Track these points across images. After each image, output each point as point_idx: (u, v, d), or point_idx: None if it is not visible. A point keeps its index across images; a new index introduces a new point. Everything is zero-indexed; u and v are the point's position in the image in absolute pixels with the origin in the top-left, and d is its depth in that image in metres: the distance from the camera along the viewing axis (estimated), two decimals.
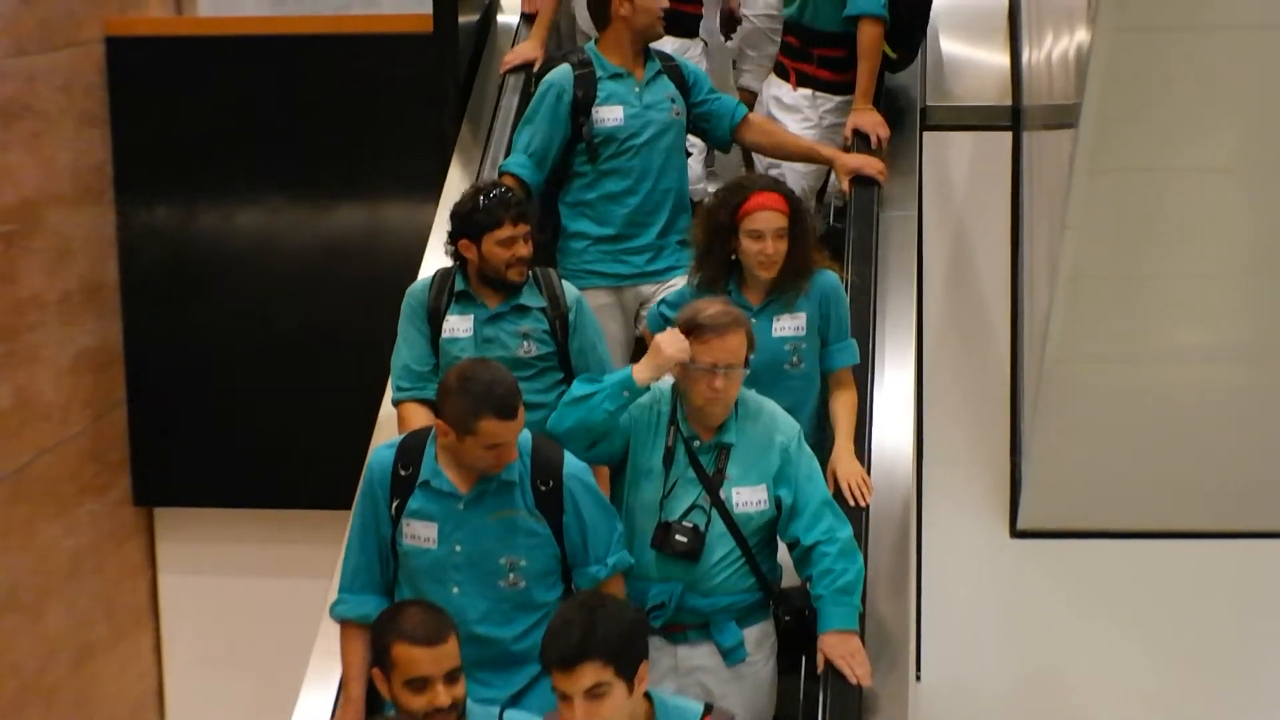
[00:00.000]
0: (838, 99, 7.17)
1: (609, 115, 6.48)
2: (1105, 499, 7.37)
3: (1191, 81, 5.52)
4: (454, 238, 5.75)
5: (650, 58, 6.61)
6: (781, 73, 7.30)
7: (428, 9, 8.06)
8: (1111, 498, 7.35)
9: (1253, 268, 6.25)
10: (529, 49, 7.48)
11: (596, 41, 6.62)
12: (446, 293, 5.80)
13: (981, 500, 7.77)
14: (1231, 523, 7.43)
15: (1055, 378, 6.66)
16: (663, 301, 6.06)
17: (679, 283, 6.26)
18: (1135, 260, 6.14)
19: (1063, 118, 6.02)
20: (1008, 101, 7.93)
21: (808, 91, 7.19)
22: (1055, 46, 6.44)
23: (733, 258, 5.76)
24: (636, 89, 6.53)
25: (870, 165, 6.73)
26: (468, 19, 8.05)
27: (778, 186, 5.80)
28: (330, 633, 5.30)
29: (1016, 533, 7.70)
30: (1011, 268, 7.73)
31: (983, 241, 7.80)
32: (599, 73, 6.51)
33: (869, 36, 6.92)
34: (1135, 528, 7.52)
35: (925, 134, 7.59)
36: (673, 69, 6.65)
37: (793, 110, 7.20)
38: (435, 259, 6.82)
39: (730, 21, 7.99)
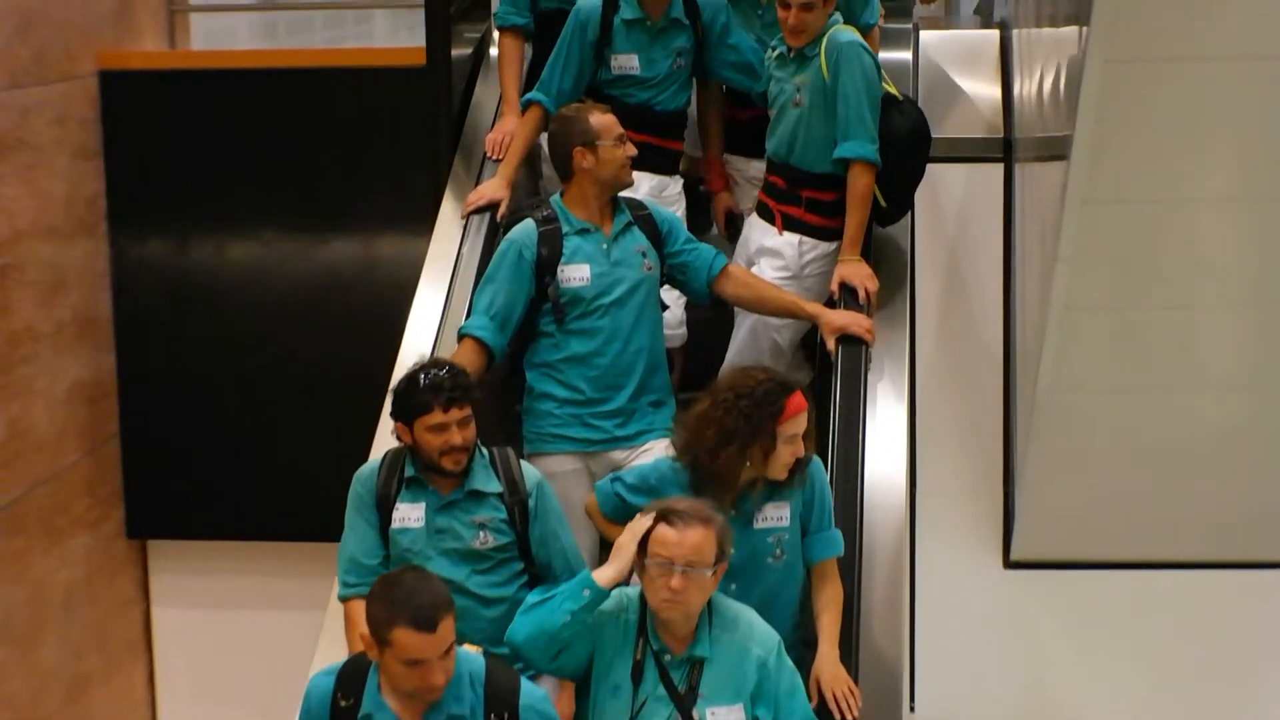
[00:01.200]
0: (826, 245, 6.53)
1: (575, 274, 5.99)
2: (1099, 529, 7.37)
3: (1182, 113, 5.54)
4: (393, 418, 5.31)
5: (620, 208, 6.12)
6: (765, 214, 6.67)
7: (421, 42, 8.09)
8: (1105, 528, 7.35)
9: (1246, 298, 6.26)
10: (494, 188, 6.95)
11: (562, 194, 6.13)
12: (397, 478, 5.32)
13: (975, 531, 7.76)
14: (1226, 553, 7.44)
15: (1048, 408, 6.66)
16: (617, 479, 5.48)
17: (653, 447, 5.91)
18: (1128, 291, 6.15)
19: (1054, 149, 6.04)
20: (1000, 133, 7.95)
21: (793, 238, 6.53)
22: (1046, 78, 6.46)
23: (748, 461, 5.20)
24: (604, 245, 6.03)
25: (858, 324, 6.16)
26: (461, 52, 8.07)
27: (798, 383, 5.33)
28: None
29: (1010, 563, 7.70)
30: (1004, 299, 7.74)
31: (975, 273, 7.81)
32: (564, 228, 6.03)
33: (862, 184, 6.33)
34: (1129, 558, 7.52)
35: None
36: (644, 219, 6.16)
37: (774, 255, 6.57)
38: (427, 291, 6.84)
39: (731, 218, 7.21)
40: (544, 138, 6.87)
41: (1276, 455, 6.85)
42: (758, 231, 6.67)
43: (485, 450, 5.33)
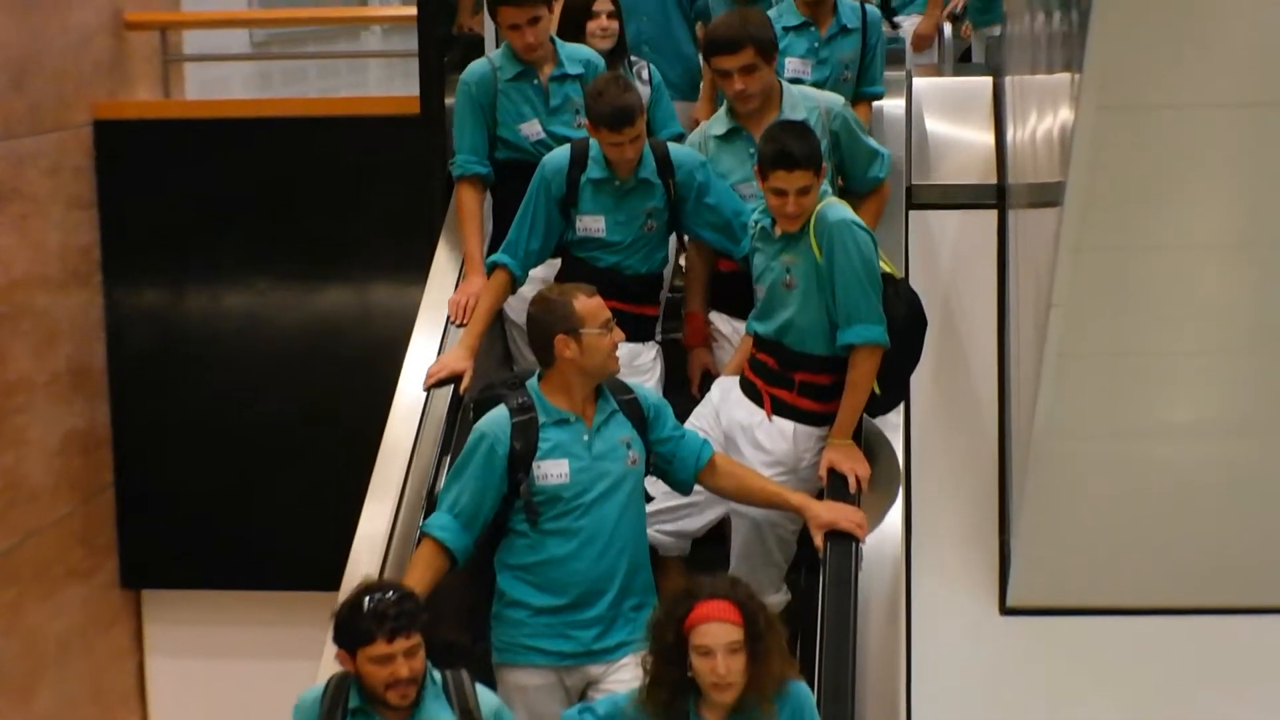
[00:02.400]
0: (821, 431, 5.99)
1: (553, 471, 5.40)
2: (1095, 575, 7.36)
3: (1175, 159, 5.54)
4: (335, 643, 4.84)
5: (603, 394, 5.53)
6: (751, 393, 6.09)
7: (414, 91, 8.12)
8: (1101, 574, 7.34)
9: (1240, 344, 6.26)
10: (457, 358, 6.41)
11: (540, 377, 5.53)
12: (341, 709, 4.83)
13: (971, 577, 7.75)
14: (1223, 599, 7.42)
15: (1043, 454, 6.66)
16: (588, 710, 4.99)
17: (629, 663, 5.37)
18: (1122, 337, 6.16)
19: (1047, 196, 6.05)
20: (993, 180, 7.96)
21: (787, 427, 5.97)
22: (1039, 125, 6.47)
23: (689, 675, 4.73)
24: (585, 436, 5.44)
25: (847, 518, 5.61)
26: (453, 100, 8.09)
27: (732, 591, 4.75)
28: None
29: (1006, 610, 7.68)
30: (998, 345, 7.74)
31: (969, 319, 7.81)
32: (541, 418, 5.44)
33: (867, 367, 5.81)
34: (1125, 604, 7.51)
35: (911, 212, 7.61)
36: (629, 404, 5.58)
37: (762, 449, 5.98)
38: (421, 340, 6.83)
39: (707, 379, 6.61)
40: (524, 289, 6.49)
41: (1273, 500, 6.84)
42: (740, 410, 6.08)
43: (437, 676, 4.87)
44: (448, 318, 6.70)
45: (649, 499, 5.76)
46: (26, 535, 8.55)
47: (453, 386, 6.39)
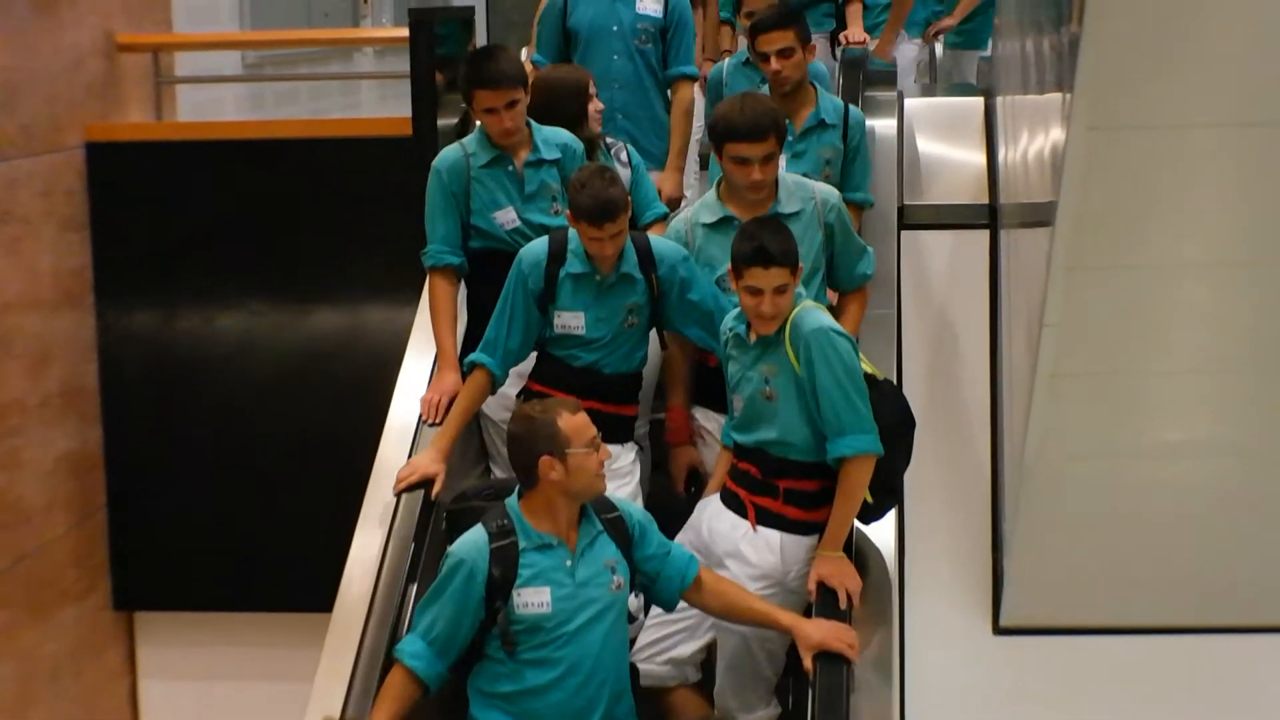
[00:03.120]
0: (810, 540, 5.67)
1: (533, 600, 5.16)
2: (1088, 595, 7.35)
3: (1166, 179, 5.55)
4: None
5: (587, 514, 5.27)
6: (733, 504, 5.77)
7: (407, 112, 8.12)
8: (1095, 594, 7.33)
9: (1233, 363, 6.26)
10: (429, 462, 6.08)
11: (520, 495, 5.25)
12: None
13: (964, 597, 7.74)
14: (1217, 618, 7.42)
15: (1036, 474, 6.66)
16: None
17: None
18: (1114, 357, 6.16)
19: (1039, 215, 6.05)
20: (985, 200, 7.97)
21: (774, 538, 5.65)
22: (1031, 145, 6.48)
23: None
24: (569, 562, 5.19)
25: (838, 638, 5.31)
26: (446, 122, 8.10)
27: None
28: None
29: (1000, 629, 7.67)
30: (991, 365, 7.74)
31: (961, 339, 7.82)
32: (522, 543, 5.18)
33: (860, 476, 5.52)
34: (1119, 624, 7.50)
35: (903, 233, 7.62)
36: (614, 522, 5.33)
37: (748, 563, 5.67)
38: (414, 361, 6.82)
39: (694, 476, 6.36)
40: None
41: (1266, 519, 6.84)
42: (723, 523, 5.76)
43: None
44: (420, 417, 6.38)
45: (632, 619, 5.52)
46: (19, 558, 8.54)
47: (424, 492, 6.05)
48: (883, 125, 7.89)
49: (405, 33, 8.26)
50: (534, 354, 6.20)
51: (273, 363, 9.08)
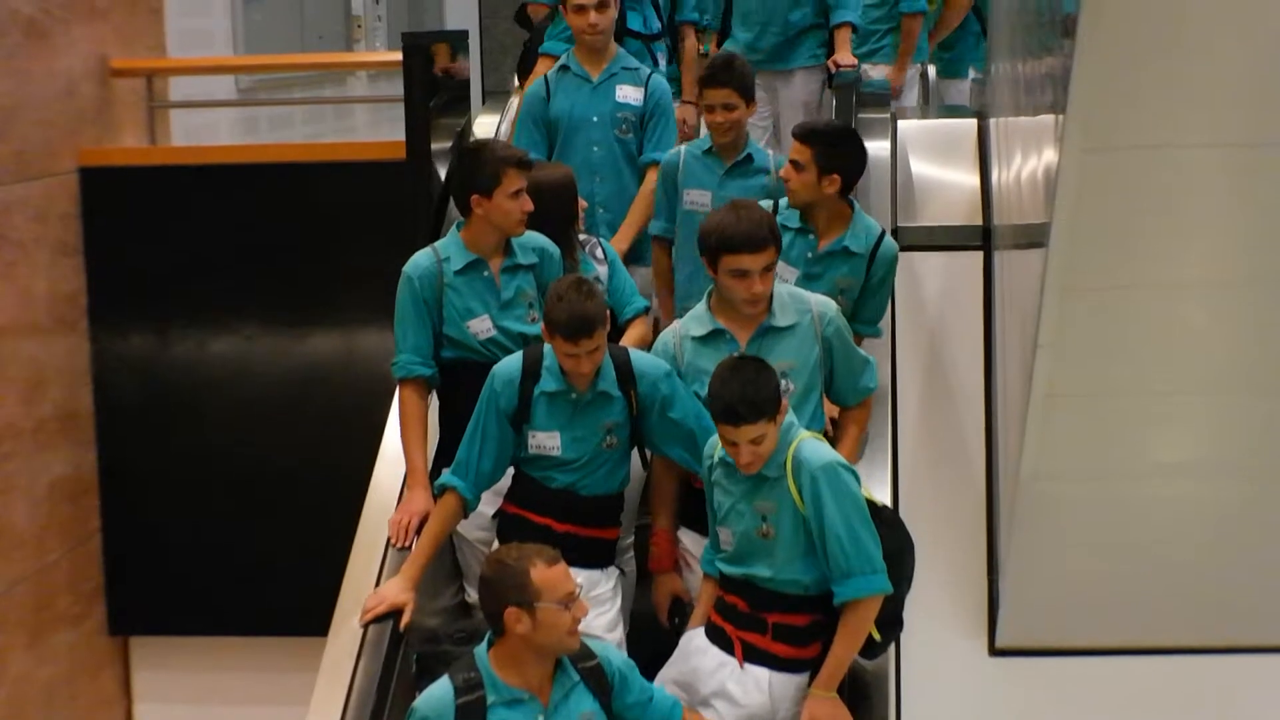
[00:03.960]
0: (800, 678, 5.34)
1: None
2: (1084, 616, 7.35)
3: (1160, 200, 5.56)
4: None
5: (562, 664, 4.99)
6: (720, 640, 5.43)
7: (400, 136, 8.12)
8: (1091, 614, 7.33)
9: (1227, 383, 6.27)
10: (397, 591, 5.77)
11: (490, 644, 4.98)
12: None
13: (960, 618, 7.74)
14: (1213, 639, 7.42)
15: (1031, 495, 6.66)
16: None
17: None
18: (1109, 377, 6.16)
19: (1033, 237, 6.06)
20: (978, 221, 7.99)
21: (761, 677, 5.33)
22: (1024, 167, 6.49)
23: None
24: (541, 717, 4.92)
25: None
26: (440, 145, 8.11)
27: None
28: None
29: (995, 651, 7.68)
30: (985, 386, 7.75)
31: (956, 360, 7.83)
32: (490, 698, 4.90)
33: (864, 614, 5.19)
34: (1115, 645, 7.50)
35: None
36: (592, 671, 5.04)
37: (735, 702, 5.33)
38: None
39: (677, 606, 5.95)
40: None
41: (1263, 539, 6.84)
42: (709, 660, 5.43)
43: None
44: (388, 539, 6.04)
45: None
46: (14, 582, 8.53)
47: (391, 623, 5.74)
48: (876, 147, 7.90)
49: (399, 57, 8.27)
50: (511, 470, 5.89)
51: (267, 387, 9.08)
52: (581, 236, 6.74)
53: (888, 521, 5.37)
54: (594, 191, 7.40)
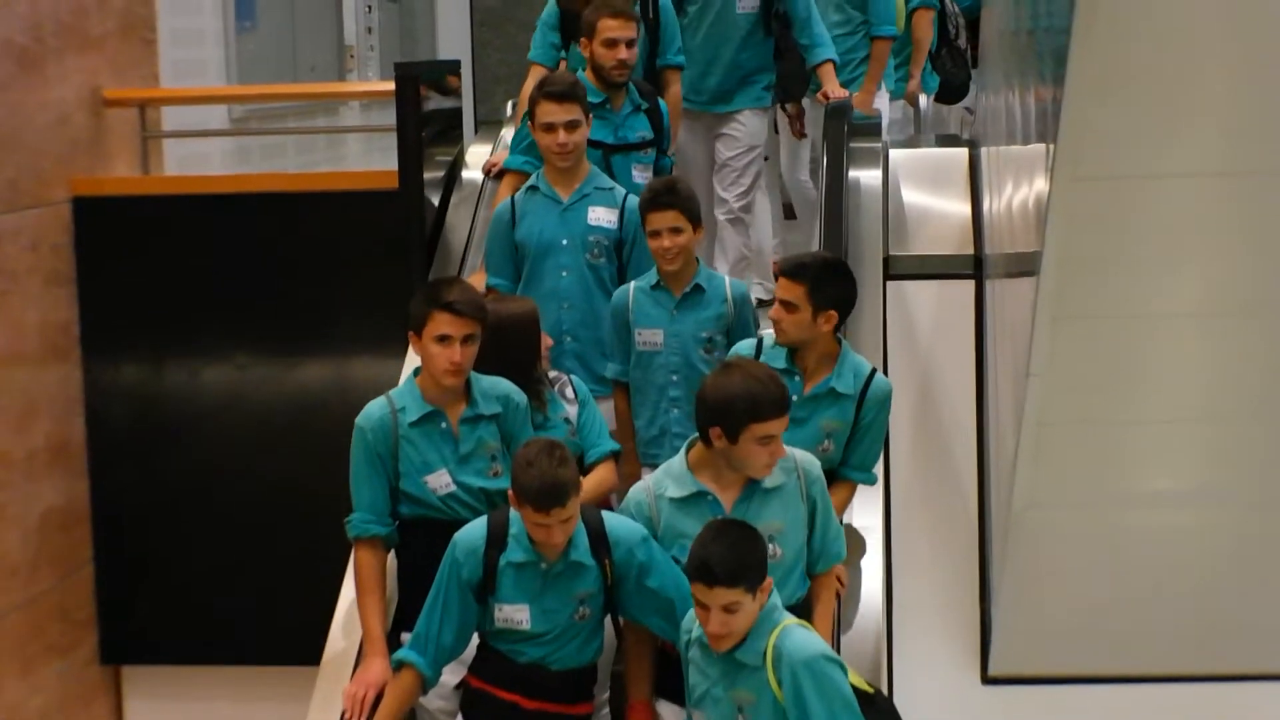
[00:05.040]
0: None
1: None
2: (1077, 644, 7.35)
3: (1150, 229, 5.58)
4: None
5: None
6: None
7: (393, 165, 8.13)
8: (1083, 642, 7.33)
9: (1219, 411, 6.28)
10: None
11: None
12: None
13: (953, 647, 7.74)
14: (1205, 666, 7.42)
15: (1023, 523, 6.66)
16: None
17: None
18: (1100, 406, 6.17)
19: (1024, 265, 6.07)
20: (970, 250, 8.00)
21: None
22: (1015, 196, 6.51)
23: None
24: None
25: None
26: (433, 175, 8.13)
27: None
28: None
29: (988, 679, 7.67)
30: (977, 414, 7.76)
31: (948, 389, 7.83)
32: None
33: None
34: (1108, 672, 7.50)
35: (889, 283, 7.65)
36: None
37: None
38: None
39: None
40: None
41: (1254, 566, 6.85)
42: None
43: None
44: (342, 712, 5.62)
45: None
46: (4, 612, 8.51)
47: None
48: (867, 176, 7.92)
49: (391, 86, 8.29)
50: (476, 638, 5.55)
51: (260, 416, 9.07)
52: (552, 374, 6.41)
53: (880, 708, 5.15)
54: (561, 320, 6.91)
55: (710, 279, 6.64)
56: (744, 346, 6.18)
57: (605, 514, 5.46)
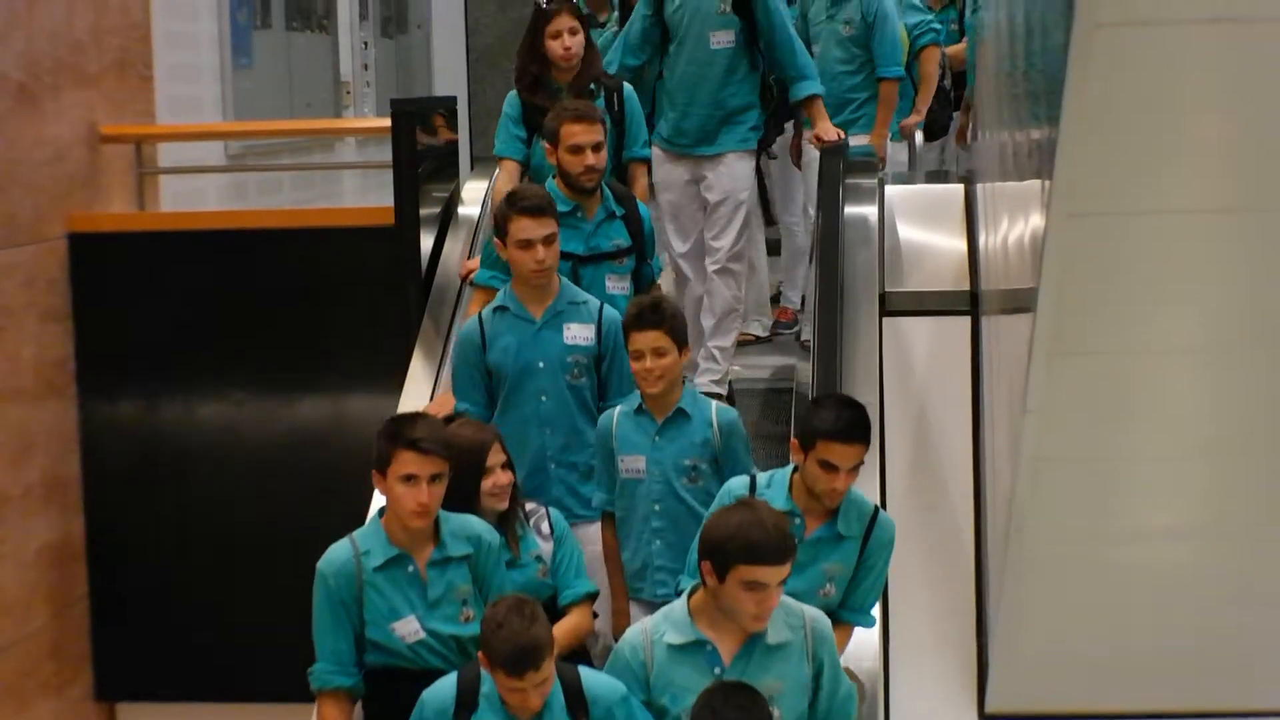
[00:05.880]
0: None
1: None
2: (1073, 679, 7.34)
3: (1147, 265, 5.57)
4: None
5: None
6: None
7: (389, 202, 8.14)
8: (1080, 678, 7.32)
9: (1217, 448, 6.27)
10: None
11: None
12: None
13: (949, 682, 7.72)
14: (1204, 702, 7.40)
15: (1020, 559, 6.65)
16: None
17: None
18: (1097, 442, 6.16)
19: (1020, 302, 6.07)
20: (966, 286, 8.00)
21: None
22: (1011, 232, 6.51)
23: None
24: None
25: None
26: (429, 211, 8.14)
27: None
28: None
29: (985, 715, 7.65)
30: (974, 451, 7.75)
31: (944, 425, 7.82)
32: None
33: None
34: (1105, 709, 7.48)
35: (885, 319, 7.65)
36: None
37: None
38: None
39: None
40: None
41: (1253, 602, 6.84)
42: None
43: None
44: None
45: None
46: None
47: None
48: (864, 212, 7.92)
49: (387, 123, 8.30)
50: None
51: (255, 453, 9.06)
52: (529, 506, 6.16)
53: None
54: (545, 445, 6.63)
55: (695, 403, 6.33)
56: (737, 484, 5.85)
57: (583, 670, 5.18)
